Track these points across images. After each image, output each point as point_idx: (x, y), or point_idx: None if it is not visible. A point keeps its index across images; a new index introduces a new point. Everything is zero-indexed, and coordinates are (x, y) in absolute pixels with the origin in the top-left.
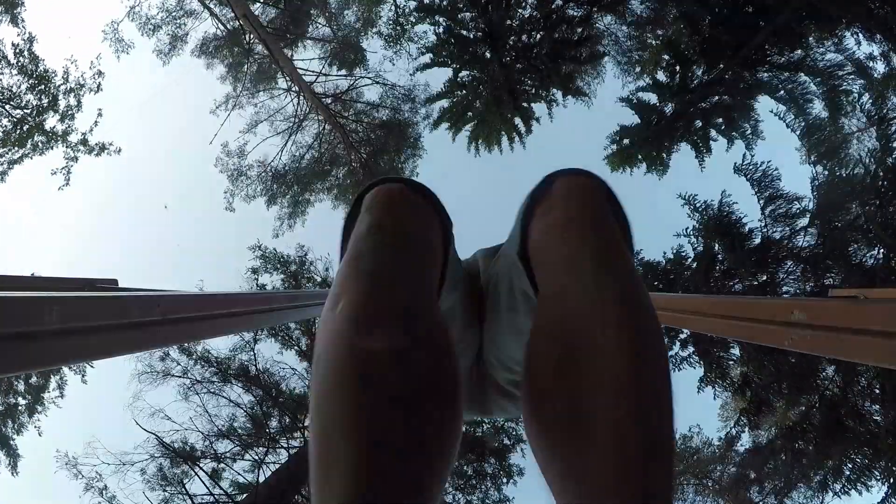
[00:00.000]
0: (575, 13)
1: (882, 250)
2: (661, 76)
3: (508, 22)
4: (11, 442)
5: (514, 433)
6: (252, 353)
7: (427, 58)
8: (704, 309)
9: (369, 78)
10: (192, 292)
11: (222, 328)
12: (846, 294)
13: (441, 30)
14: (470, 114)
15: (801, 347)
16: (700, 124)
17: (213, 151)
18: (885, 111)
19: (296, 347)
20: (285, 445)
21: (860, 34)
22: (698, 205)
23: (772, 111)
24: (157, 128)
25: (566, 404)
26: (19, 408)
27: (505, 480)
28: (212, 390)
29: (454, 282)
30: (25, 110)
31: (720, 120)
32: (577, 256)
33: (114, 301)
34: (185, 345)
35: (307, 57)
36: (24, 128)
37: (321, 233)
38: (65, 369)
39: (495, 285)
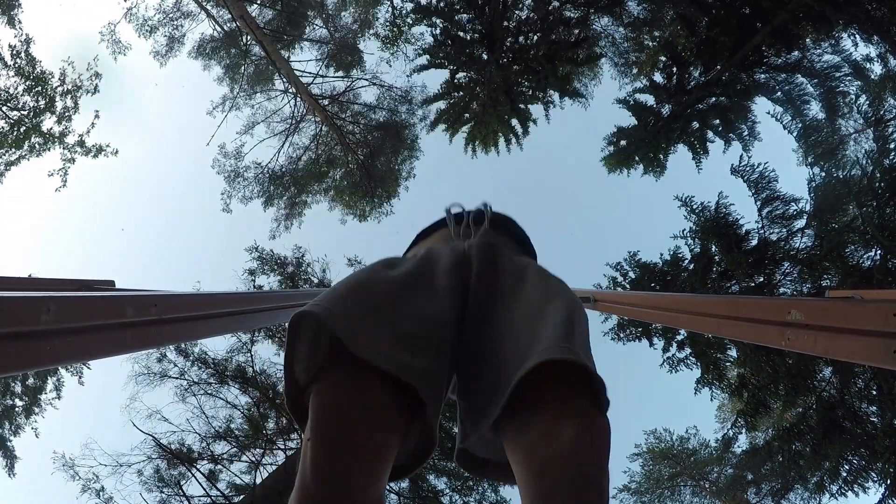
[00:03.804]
0: (572, 15)
1: (879, 251)
2: (658, 77)
3: (505, 23)
4: (8, 443)
5: None
6: (249, 354)
7: (424, 59)
8: (702, 309)
9: (366, 79)
10: (188, 292)
11: (219, 328)
12: (843, 295)
13: (438, 31)
14: (467, 115)
15: (797, 347)
16: (697, 126)
17: (211, 153)
18: (881, 112)
19: None
20: (282, 447)
21: (857, 36)
22: (695, 206)
23: (769, 112)
24: (154, 129)
25: None
26: (16, 409)
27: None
28: (209, 392)
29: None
30: (22, 112)
31: (717, 121)
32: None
33: (110, 301)
34: (182, 346)
35: (304, 58)
36: (21, 129)
37: (318, 234)
38: (62, 370)
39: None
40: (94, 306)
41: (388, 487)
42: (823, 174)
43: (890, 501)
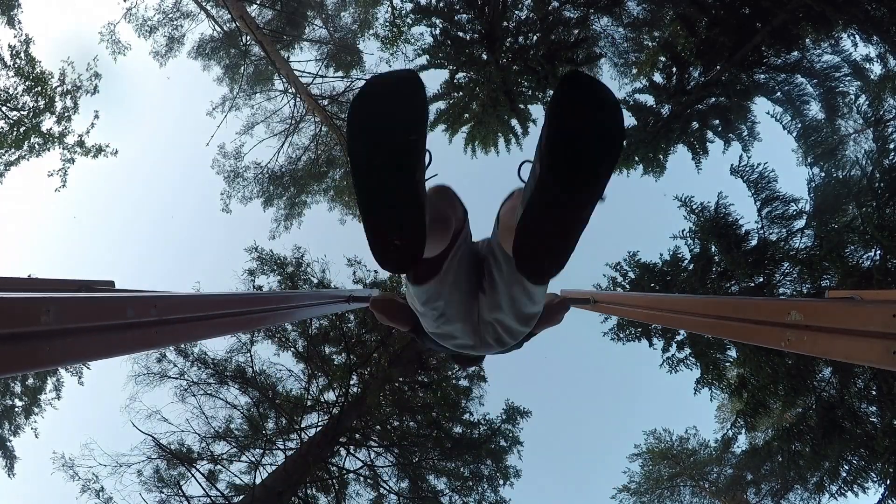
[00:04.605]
0: (572, 15)
1: (879, 252)
2: (657, 78)
3: (505, 24)
4: (8, 444)
5: (510, 435)
6: (248, 354)
7: (424, 59)
8: (701, 310)
9: (366, 80)
10: (188, 293)
11: (218, 329)
12: (843, 295)
13: (438, 31)
14: (466, 115)
15: (797, 348)
16: (697, 126)
17: (210, 153)
18: (881, 113)
19: (292, 349)
20: (282, 447)
21: (857, 36)
22: (695, 206)
23: (769, 113)
24: (153, 129)
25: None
26: (16, 409)
27: (501, 482)
28: (208, 392)
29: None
30: (22, 112)
31: (717, 122)
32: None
33: (109, 302)
34: (182, 346)
35: (304, 58)
36: (21, 130)
37: (318, 234)
38: (61, 371)
39: (492, 254)
40: (93, 307)
41: (387, 487)
42: (823, 174)
43: (890, 501)
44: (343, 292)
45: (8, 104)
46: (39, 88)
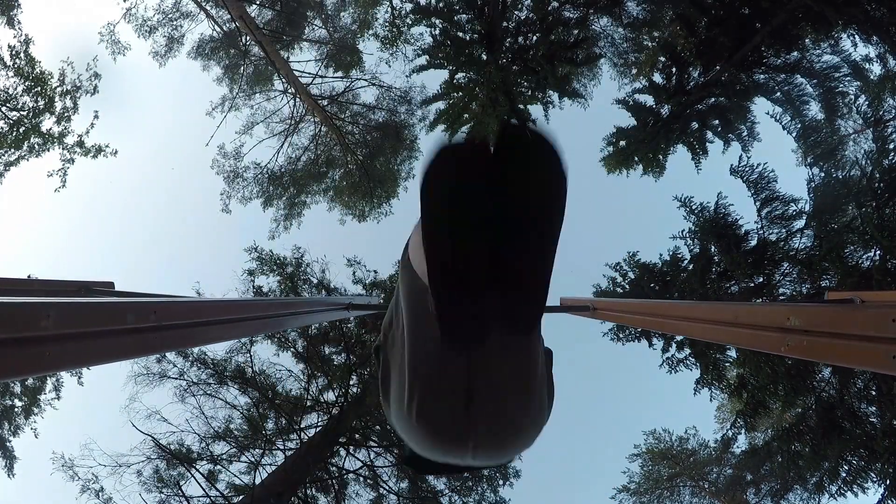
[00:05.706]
0: (571, 15)
1: (878, 252)
2: (657, 78)
3: (505, 24)
4: (7, 444)
5: None
6: (248, 355)
7: (423, 60)
8: (701, 316)
9: (365, 80)
10: (187, 299)
11: (218, 335)
12: (842, 296)
13: (437, 32)
14: (466, 116)
15: (797, 353)
16: (696, 126)
17: (210, 153)
18: (881, 113)
19: (292, 349)
20: (282, 447)
21: (857, 36)
22: (694, 207)
23: (768, 113)
24: (153, 130)
25: None
26: (15, 410)
27: (501, 483)
28: (208, 392)
29: None
30: (22, 112)
31: (717, 122)
32: None
33: (109, 307)
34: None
35: (303, 59)
36: (21, 130)
37: (318, 235)
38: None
39: None
40: (93, 312)
41: (387, 487)
42: (823, 175)
43: (889, 501)
44: (343, 298)
45: (8, 104)
46: (39, 88)
